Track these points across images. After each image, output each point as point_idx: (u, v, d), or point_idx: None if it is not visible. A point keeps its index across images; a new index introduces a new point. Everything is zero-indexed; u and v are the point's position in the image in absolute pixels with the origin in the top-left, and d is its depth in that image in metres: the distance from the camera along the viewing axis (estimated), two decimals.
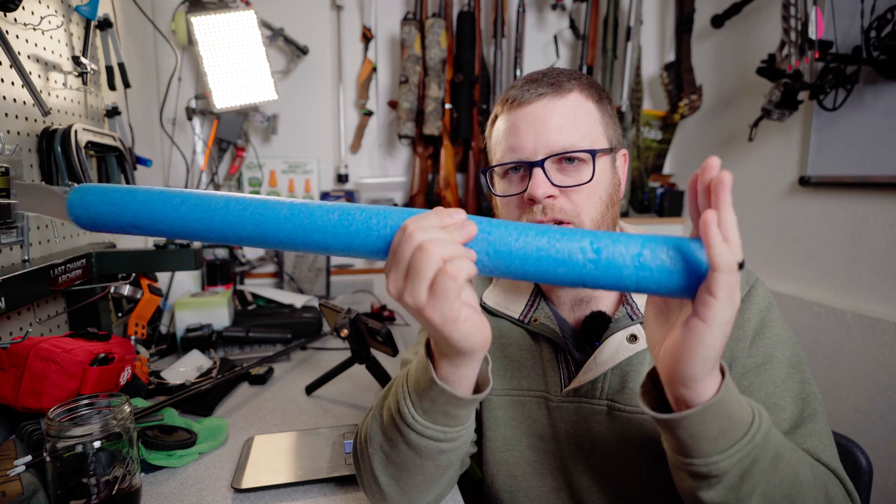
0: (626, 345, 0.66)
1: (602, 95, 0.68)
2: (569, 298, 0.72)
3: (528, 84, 0.66)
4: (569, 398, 0.69)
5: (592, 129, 0.65)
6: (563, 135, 0.63)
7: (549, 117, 0.63)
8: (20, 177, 0.87)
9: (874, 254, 1.35)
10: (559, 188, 0.63)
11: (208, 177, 1.70)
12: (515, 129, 0.65)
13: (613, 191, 0.67)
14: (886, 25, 1.19)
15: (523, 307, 0.73)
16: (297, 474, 0.72)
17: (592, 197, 0.65)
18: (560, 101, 0.64)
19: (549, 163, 0.63)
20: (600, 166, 0.65)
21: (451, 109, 1.81)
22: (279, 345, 1.28)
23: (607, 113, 0.68)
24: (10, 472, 0.61)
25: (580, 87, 0.65)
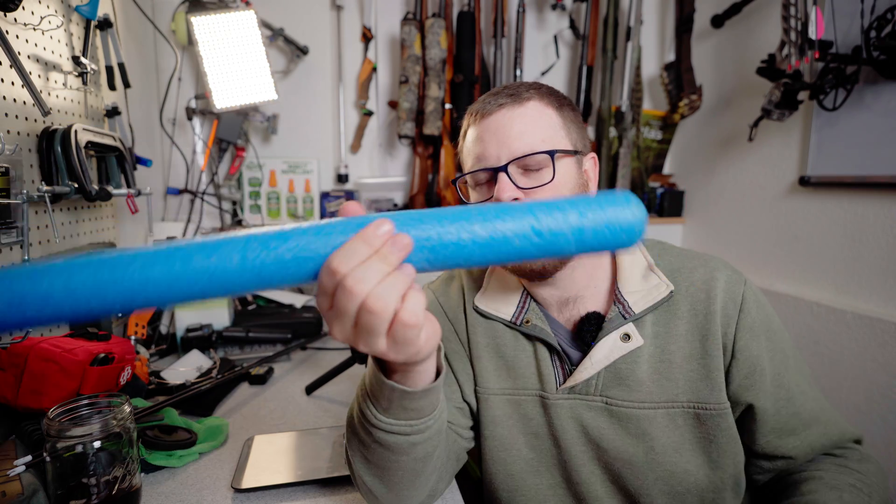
0: (619, 344, 0.68)
1: (563, 103, 0.70)
2: (554, 300, 0.74)
3: (489, 97, 0.70)
4: (564, 395, 0.71)
5: (553, 133, 0.67)
6: (524, 140, 0.66)
7: (510, 125, 0.67)
8: (20, 177, 0.87)
9: (874, 254, 1.35)
10: (524, 190, 0.66)
11: (208, 177, 1.70)
12: (480, 139, 0.69)
13: (580, 191, 0.69)
14: (886, 25, 1.19)
15: (514, 309, 0.75)
16: (297, 474, 0.72)
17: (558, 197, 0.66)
18: (520, 110, 0.67)
19: (512, 167, 0.66)
20: (563, 167, 0.67)
21: (451, 109, 1.81)
22: (279, 345, 1.28)
23: (569, 118, 0.70)
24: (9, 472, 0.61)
25: (539, 95, 0.69)
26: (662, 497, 0.68)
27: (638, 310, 0.68)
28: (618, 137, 1.89)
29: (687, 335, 0.68)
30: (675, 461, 0.67)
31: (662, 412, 0.67)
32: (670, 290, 0.68)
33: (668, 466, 0.67)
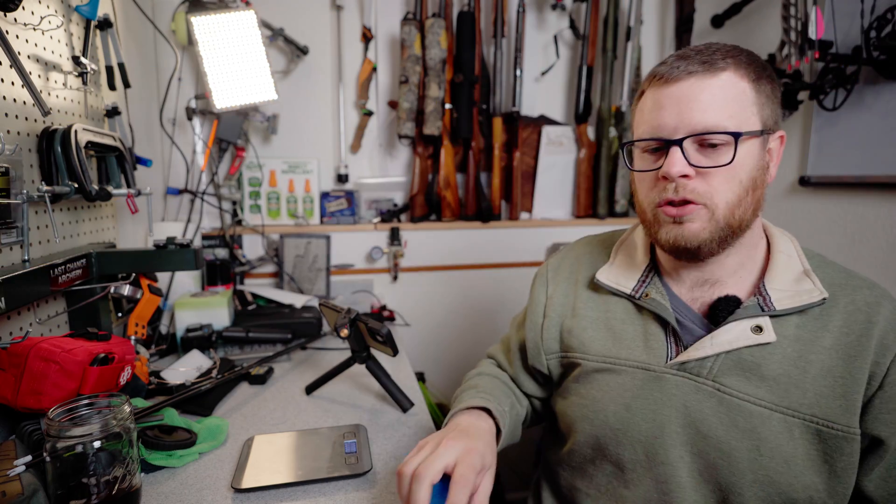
0: (748, 333, 0.65)
1: (762, 74, 0.65)
2: (690, 278, 0.72)
3: (678, 61, 0.64)
4: (672, 370, 0.69)
5: (742, 110, 0.63)
6: (708, 115, 0.61)
7: (696, 96, 0.62)
8: (20, 177, 0.87)
9: (874, 254, 1.35)
10: (696, 168, 0.63)
11: (208, 177, 1.70)
12: (659, 106, 0.64)
13: (758, 174, 0.65)
14: (886, 25, 1.19)
15: (635, 283, 0.75)
16: (297, 474, 0.72)
17: (731, 180, 0.63)
18: (710, 81, 0.62)
19: (688, 142, 0.63)
20: (745, 149, 0.63)
21: (451, 109, 1.81)
22: (279, 345, 1.28)
23: (765, 93, 0.65)
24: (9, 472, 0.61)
25: (735, 65, 0.63)
26: (756, 501, 0.65)
27: (780, 307, 0.65)
28: (618, 137, 1.89)
29: (832, 350, 0.64)
30: (782, 471, 0.63)
31: (780, 417, 0.64)
32: (823, 298, 0.65)
33: (772, 474, 0.64)
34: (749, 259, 0.71)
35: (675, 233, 0.66)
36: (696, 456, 0.67)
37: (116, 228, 1.27)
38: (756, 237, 0.71)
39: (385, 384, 0.96)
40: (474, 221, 1.88)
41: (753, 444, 0.64)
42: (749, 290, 0.70)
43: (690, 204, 0.64)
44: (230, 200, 1.72)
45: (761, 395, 0.64)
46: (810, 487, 0.64)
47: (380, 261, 1.84)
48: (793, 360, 0.65)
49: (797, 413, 0.64)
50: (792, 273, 0.68)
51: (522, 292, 1.95)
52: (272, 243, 1.76)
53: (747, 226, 0.67)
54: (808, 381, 0.64)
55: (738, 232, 0.66)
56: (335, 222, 1.81)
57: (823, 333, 0.65)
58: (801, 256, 0.71)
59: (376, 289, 1.84)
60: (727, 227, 0.64)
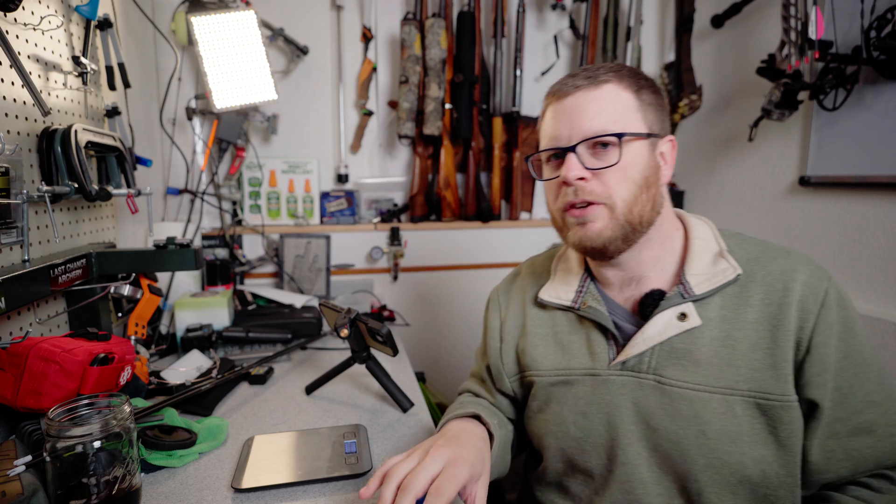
0: (674, 322, 0.68)
1: (642, 85, 0.71)
2: (616, 279, 0.76)
3: (568, 78, 0.72)
4: (616, 372, 0.72)
5: (626, 115, 0.69)
6: (595, 121, 0.68)
7: (584, 106, 0.69)
8: (20, 176, 0.87)
9: (874, 254, 1.35)
10: (591, 171, 0.68)
11: (208, 177, 1.70)
12: (556, 119, 0.72)
13: (650, 174, 0.70)
14: (886, 25, 1.19)
15: (574, 294, 0.79)
16: (297, 474, 0.72)
17: (625, 179, 0.68)
18: (595, 92, 0.69)
19: (581, 147, 0.69)
20: (633, 149, 0.68)
21: (451, 109, 1.81)
22: (279, 345, 1.28)
23: (647, 101, 0.70)
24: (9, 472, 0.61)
25: (617, 78, 0.69)
26: (712, 486, 0.67)
27: (699, 291, 0.69)
28: None
29: (756, 324, 0.67)
30: (730, 451, 0.66)
31: (719, 398, 0.66)
32: (737, 274, 0.68)
33: (721, 455, 0.66)
34: (666, 251, 0.74)
35: (580, 234, 0.71)
36: (651, 450, 0.70)
37: (116, 228, 1.27)
38: (668, 229, 0.75)
39: (385, 384, 0.96)
40: (474, 221, 1.88)
41: (699, 429, 0.66)
42: (671, 281, 0.73)
43: (592, 205, 0.69)
44: (230, 200, 1.72)
45: (698, 380, 0.67)
46: (761, 461, 0.66)
47: (380, 261, 1.84)
48: (721, 340, 0.67)
49: (734, 391, 0.66)
50: (709, 255, 0.72)
51: None
52: (272, 243, 1.75)
53: (648, 222, 0.71)
54: (738, 358, 0.66)
55: (639, 228, 0.70)
56: (335, 222, 1.81)
57: (746, 309, 0.68)
58: (717, 238, 0.74)
59: (376, 289, 1.84)
60: (627, 223, 0.69)
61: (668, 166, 0.73)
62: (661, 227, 0.73)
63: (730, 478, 0.66)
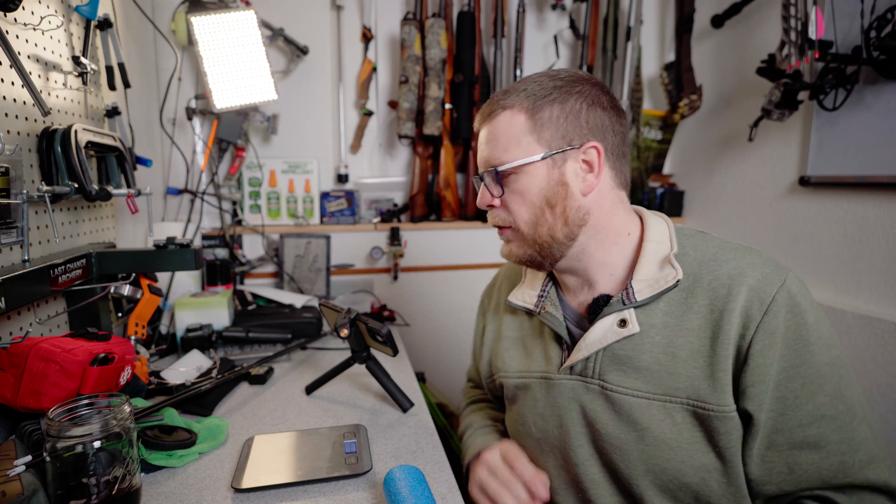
0: (614, 328, 0.69)
1: (541, 104, 0.70)
2: (572, 283, 0.78)
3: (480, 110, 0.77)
4: (566, 376, 0.74)
5: (515, 142, 0.71)
6: (489, 153, 0.73)
7: (483, 138, 0.75)
8: (20, 176, 0.87)
9: (874, 254, 1.35)
10: (498, 198, 0.74)
11: (208, 177, 1.70)
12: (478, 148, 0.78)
13: (552, 193, 0.70)
14: (886, 25, 1.19)
15: (536, 298, 0.81)
16: (297, 474, 0.72)
17: (524, 203, 0.71)
18: (492, 124, 0.73)
19: (487, 176, 0.74)
20: (526, 174, 0.70)
21: (451, 109, 1.81)
22: (279, 345, 1.28)
23: (543, 120, 0.70)
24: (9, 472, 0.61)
25: (514, 103, 0.71)
26: (653, 490, 0.68)
27: (641, 297, 0.67)
28: None
29: (698, 331, 0.65)
30: (669, 457, 0.65)
31: (658, 405, 0.66)
32: (677, 280, 0.66)
33: (660, 461, 0.66)
34: (613, 256, 0.73)
35: (505, 251, 0.77)
36: (598, 453, 0.72)
37: (116, 228, 1.27)
38: (614, 235, 0.73)
39: (385, 384, 0.96)
40: (474, 221, 1.88)
41: (638, 434, 0.67)
42: (620, 286, 0.73)
43: (503, 228, 0.75)
44: (230, 200, 1.72)
45: (638, 387, 0.67)
46: (702, 469, 0.65)
47: (380, 261, 1.84)
48: (662, 347, 0.67)
49: (673, 398, 0.65)
50: (658, 259, 0.70)
51: None
52: (272, 243, 1.75)
53: (566, 236, 0.71)
54: (679, 366, 0.65)
55: (553, 243, 0.71)
56: (335, 222, 1.81)
57: (690, 315, 0.66)
58: (672, 240, 0.71)
59: (376, 289, 1.84)
60: (535, 242, 0.72)
61: (593, 175, 0.70)
62: (598, 235, 0.72)
63: (670, 484, 0.66)
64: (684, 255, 0.69)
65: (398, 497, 0.61)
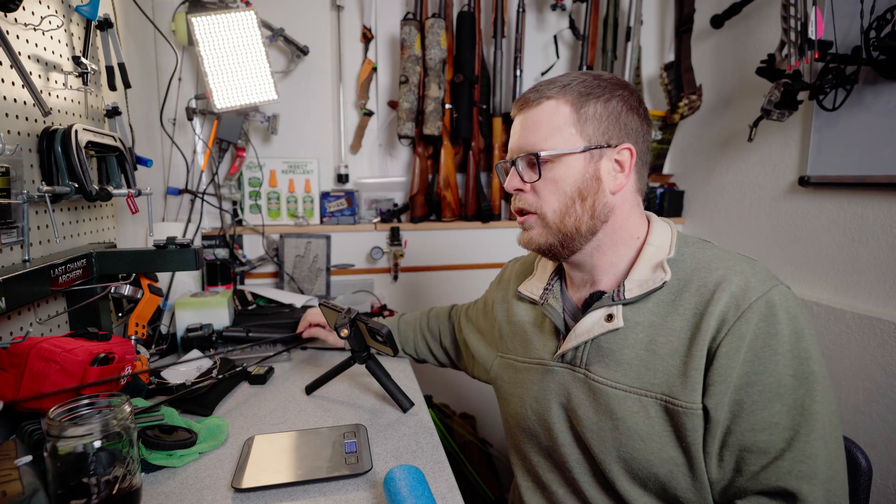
0: (601, 322, 0.73)
1: (586, 100, 0.73)
2: (577, 279, 0.82)
3: (528, 91, 0.77)
4: (558, 363, 0.79)
5: (558, 132, 0.72)
6: (528, 139, 0.74)
7: (522, 123, 0.76)
8: (20, 176, 0.87)
9: (874, 254, 1.35)
10: (529, 183, 0.75)
11: (208, 177, 1.70)
12: (511, 131, 0.79)
13: (585, 186, 0.73)
14: (886, 25, 1.19)
15: (542, 290, 0.85)
16: (297, 474, 0.72)
17: (556, 191, 0.73)
18: (534, 110, 0.74)
19: (521, 161, 0.75)
20: (564, 164, 0.72)
21: (451, 109, 1.81)
22: (279, 345, 1.28)
23: (590, 114, 0.73)
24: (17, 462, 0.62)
25: (560, 94, 0.73)
26: (623, 475, 0.72)
27: (629, 295, 0.72)
28: None
29: (680, 331, 0.69)
30: (639, 447, 0.69)
31: (635, 398, 0.70)
32: (664, 281, 0.70)
33: (631, 450, 0.70)
34: (618, 257, 0.77)
35: (524, 238, 0.79)
36: (578, 437, 0.76)
37: (116, 228, 1.27)
38: (625, 237, 0.77)
39: (385, 384, 0.96)
40: (474, 221, 1.88)
41: (613, 423, 0.71)
42: (615, 285, 0.77)
43: (527, 213, 0.77)
44: (230, 200, 1.73)
45: (618, 379, 0.71)
46: (669, 462, 0.68)
47: (380, 261, 1.84)
48: (644, 343, 0.70)
49: (649, 392, 0.69)
50: (652, 264, 0.73)
51: None
52: (272, 243, 1.76)
53: (588, 231, 0.74)
54: (657, 363, 0.69)
55: (576, 236, 0.74)
56: (335, 222, 1.81)
57: (674, 317, 0.69)
58: (672, 246, 0.74)
59: (376, 289, 1.84)
60: (559, 232, 0.74)
61: (625, 175, 0.74)
62: (614, 234, 0.76)
63: (639, 472, 0.70)
64: (681, 260, 0.73)
65: (398, 497, 0.61)
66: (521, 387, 0.85)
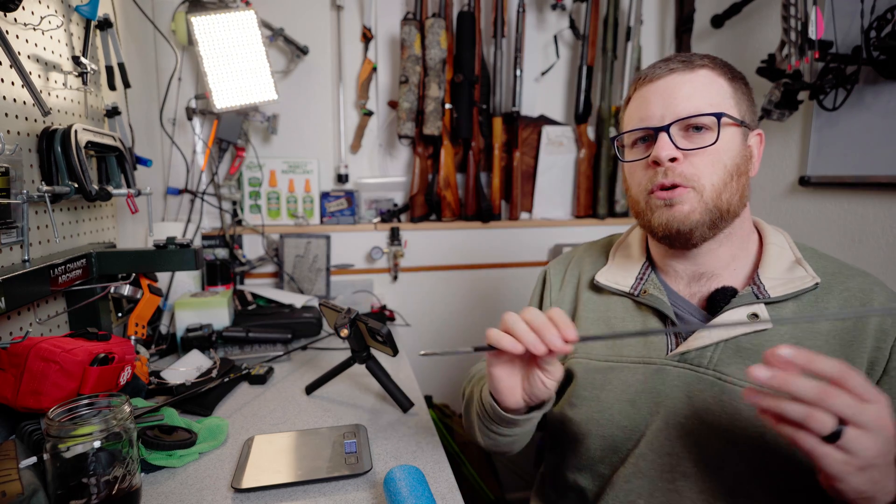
0: (745, 320, 0.67)
1: (736, 75, 0.70)
2: (686, 273, 0.75)
3: (661, 62, 0.71)
4: (673, 362, 0.70)
5: (721, 100, 0.67)
6: (690, 102, 0.66)
7: (679, 88, 0.67)
8: (20, 176, 0.87)
9: (874, 254, 1.35)
10: (683, 151, 0.66)
11: (208, 177, 1.70)
12: (646, 101, 0.70)
13: (742, 162, 0.68)
14: (886, 25, 1.19)
15: (634, 281, 0.77)
16: (297, 474, 0.72)
17: (716, 164, 0.67)
18: (689, 75, 0.68)
19: (674, 128, 0.67)
20: (727, 135, 0.67)
21: (451, 109, 1.81)
22: (279, 345, 1.28)
23: (740, 90, 0.70)
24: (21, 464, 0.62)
25: (712, 64, 0.69)
26: (763, 491, 0.65)
27: (775, 294, 0.67)
28: None
29: (828, 336, 0.66)
30: (790, 459, 0.64)
31: None
32: (816, 283, 0.67)
33: (781, 462, 0.64)
34: (742, 251, 0.73)
35: (667, 216, 0.68)
36: (702, 447, 0.68)
37: (116, 228, 1.27)
38: (747, 230, 0.74)
39: (385, 384, 0.96)
40: (474, 221, 1.88)
41: (758, 431, 0.64)
42: (744, 282, 0.72)
43: (680, 187, 0.67)
44: (230, 200, 1.72)
45: None
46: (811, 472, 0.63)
47: (380, 261, 1.84)
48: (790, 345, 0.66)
49: None
50: (784, 263, 0.71)
51: (523, 292, 1.95)
52: (272, 243, 1.76)
53: (735, 212, 0.69)
54: None
55: (726, 216, 0.68)
56: (335, 222, 1.81)
57: (819, 320, 0.67)
58: (792, 248, 0.73)
59: (376, 289, 1.84)
60: (716, 209, 0.67)
61: (756, 159, 0.72)
62: (744, 223, 0.72)
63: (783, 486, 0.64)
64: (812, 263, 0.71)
65: (398, 497, 0.61)
66: (605, 389, 0.75)
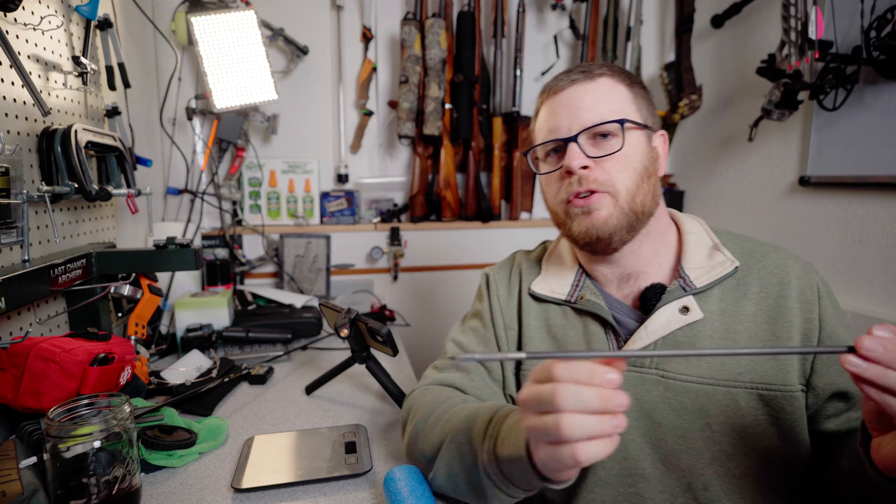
0: (677, 315, 0.68)
1: (634, 81, 0.73)
2: (614, 276, 0.76)
3: (562, 74, 0.73)
4: None
5: (623, 106, 0.70)
6: (594, 111, 0.69)
7: (582, 98, 0.70)
8: (20, 177, 0.87)
9: (874, 254, 1.35)
10: (593, 159, 0.68)
11: (208, 177, 1.70)
12: (553, 113, 0.72)
13: (650, 163, 0.71)
14: (886, 25, 1.19)
15: (570, 288, 0.78)
16: (297, 474, 0.72)
17: (627, 167, 0.69)
18: (591, 84, 0.70)
19: (582, 137, 0.69)
20: (633, 138, 0.69)
21: (451, 109, 1.81)
22: (279, 345, 1.28)
23: (640, 95, 0.72)
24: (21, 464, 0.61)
25: (611, 73, 0.71)
26: (718, 479, 0.66)
27: (700, 284, 0.69)
28: None
29: (754, 316, 0.68)
30: (734, 442, 0.66)
31: (723, 390, 0.66)
32: (735, 266, 0.69)
33: (726, 447, 0.66)
34: (662, 246, 0.75)
35: (586, 223, 0.70)
36: (654, 446, 0.69)
37: (116, 228, 1.27)
38: (664, 224, 0.76)
39: (385, 384, 0.96)
40: (474, 221, 1.88)
41: (704, 422, 0.66)
42: (670, 275, 0.74)
43: (596, 193, 0.69)
44: (230, 200, 1.72)
45: (702, 373, 0.67)
46: (763, 452, 0.66)
47: (380, 261, 1.84)
48: (722, 333, 0.68)
49: (737, 382, 0.66)
50: (703, 250, 0.73)
51: None
52: (272, 243, 1.75)
53: (650, 211, 0.71)
54: None
55: (642, 217, 0.70)
56: (335, 222, 1.81)
57: (744, 302, 0.69)
58: (709, 233, 0.75)
59: (376, 289, 1.84)
60: (632, 212, 0.69)
61: (662, 159, 0.74)
62: (659, 220, 0.74)
63: (734, 470, 0.66)
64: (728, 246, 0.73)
65: (398, 497, 0.61)
66: None
